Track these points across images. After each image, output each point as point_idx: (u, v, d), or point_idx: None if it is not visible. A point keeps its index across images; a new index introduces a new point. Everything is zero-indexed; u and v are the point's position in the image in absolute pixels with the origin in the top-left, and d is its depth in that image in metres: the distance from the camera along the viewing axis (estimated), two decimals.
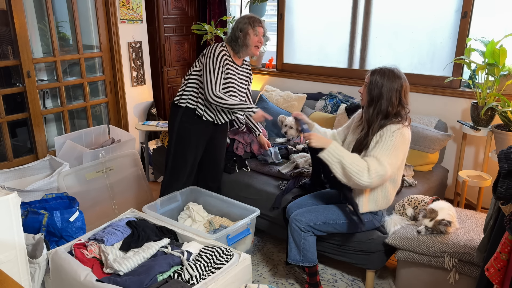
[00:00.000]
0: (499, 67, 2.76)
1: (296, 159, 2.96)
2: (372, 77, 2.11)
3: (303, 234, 2.24)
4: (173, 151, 2.73)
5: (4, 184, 2.83)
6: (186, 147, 2.70)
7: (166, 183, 2.81)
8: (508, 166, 1.49)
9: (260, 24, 2.65)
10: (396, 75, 2.09)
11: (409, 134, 2.11)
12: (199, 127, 2.69)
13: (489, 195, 3.07)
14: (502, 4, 3.00)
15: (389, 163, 2.01)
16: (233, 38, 2.64)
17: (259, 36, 2.64)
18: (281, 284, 2.52)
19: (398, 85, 2.08)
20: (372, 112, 2.11)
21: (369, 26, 3.60)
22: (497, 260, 1.49)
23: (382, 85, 2.07)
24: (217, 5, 4.34)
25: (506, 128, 2.74)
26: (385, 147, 2.03)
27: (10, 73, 3.43)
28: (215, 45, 2.61)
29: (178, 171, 2.75)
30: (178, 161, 2.73)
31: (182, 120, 2.67)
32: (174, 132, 2.70)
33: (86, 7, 3.78)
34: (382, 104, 2.08)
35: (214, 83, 2.52)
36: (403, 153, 2.09)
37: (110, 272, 1.91)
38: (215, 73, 2.53)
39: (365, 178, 1.98)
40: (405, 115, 2.13)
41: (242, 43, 2.62)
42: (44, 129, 3.53)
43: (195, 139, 2.70)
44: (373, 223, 2.29)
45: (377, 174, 1.98)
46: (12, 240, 1.81)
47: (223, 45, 2.64)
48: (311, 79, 3.95)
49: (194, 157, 2.74)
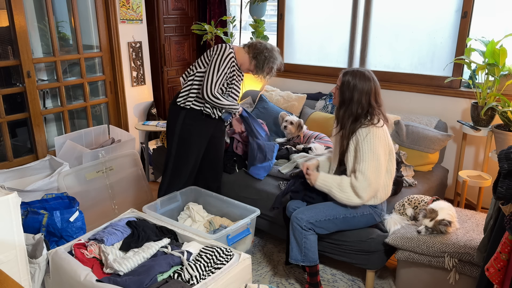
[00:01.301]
0: (499, 67, 2.76)
1: (296, 159, 2.96)
2: (344, 78, 2.18)
3: (304, 233, 2.24)
4: (174, 153, 2.71)
5: (4, 184, 2.83)
6: (188, 148, 2.69)
7: (167, 184, 2.78)
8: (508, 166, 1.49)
9: (273, 73, 2.74)
10: (366, 77, 2.15)
11: (383, 131, 2.17)
12: (201, 127, 2.69)
13: (489, 195, 3.07)
14: (502, 4, 3.00)
15: (371, 170, 2.11)
16: (266, 57, 2.65)
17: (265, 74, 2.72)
18: (281, 284, 2.52)
19: (368, 87, 2.15)
20: (343, 113, 2.20)
21: (369, 26, 3.60)
22: (497, 260, 1.49)
23: (354, 87, 2.14)
24: (217, 5, 4.34)
25: (506, 128, 2.74)
26: (364, 157, 2.13)
27: (10, 73, 3.42)
28: (225, 46, 2.60)
29: (179, 172, 2.74)
30: (180, 162, 2.72)
31: (185, 122, 2.66)
32: (175, 133, 2.68)
33: (86, 7, 3.78)
34: (352, 107, 2.16)
35: (215, 82, 2.53)
36: (383, 151, 2.15)
37: (110, 272, 1.91)
38: (218, 72, 2.54)
39: (356, 201, 2.16)
40: (377, 115, 2.18)
41: (264, 68, 2.68)
42: (44, 129, 3.53)
43: (197, 140, 2.70)
44: (373, 217, 2.30)
45: (365, 190, 2.13)
46: (12, 240, 1.81)
47: (232, 47, 2.64)
48: (311, 79, 3.95)
49: (196, 158, 2.74)
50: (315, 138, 3.24)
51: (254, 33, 4.28)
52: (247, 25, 4.72)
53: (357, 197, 2.15)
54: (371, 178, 2.11)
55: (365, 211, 2.27)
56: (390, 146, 2.22)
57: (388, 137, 2.20)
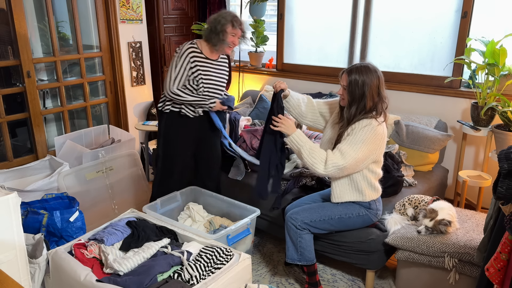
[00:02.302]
0: (499, 67, 2.76)
1: (296, 159, 2.96)
2: (350, 77, 2.12)
3: (299, 232, 2.24)
4: (161, 154, 2.81)
5: (4, 184, 2.83)
6: (173, 149, 2.76)
7: (158, 183, 2.86)
8: (508, 166, 1.49)
9: (240, 26, 2.62)
10: (372, 70, 2.12)
11: (382, 131, 2.13)
12: (183, 128, 2.72)
13: (489, 195, 3.07)
14: (502, 4, 3.00)
15: (354, 157, 2.06)
16: (212, 30, 2.60)
17: (235, 37, 2.63)
18: (281, 284, 2.52)
19: (376, 79, 2.11)
20: (355, 111, 2.14)
21: (369, 26, 3.60)
22: (497, 260, 1.49)
23: (363, 83, 2.10)
24: (217, 5, 4.34)
25: (506, 128, 2.74)
26: (353, 141, 2.08)
27: (10, 73, 3.42)
28: (184, 44, 2.64)
29: (169, 172, 2.81)
30: (167, 162, 2.80)
31: (167, 124, 2.74)
32: (161, 135, 2.79)
33: (86, 7, 3.78)
34: (366, 102, 2.11)
35: (173, 79, 2.59)
36: (373, 147, 2.10)
37: (110, 272, 1.91)
38: (176, 69, 2.59)
39: (320, 169, 2.09)
40: (382, 110, 2.15)
41: (219, 38, 2.60)
42: (44, 129, 3.53)
43: (180, 140, 2.74)
44: (369, 217, 2.29)
45: (334, 166, 2.06)
46: (12, 240, 1.81)
47: (193, 42, 2.65)
48: (311, 79, 3.95)
49: (183, 158, 2.78)
50: (314, 138, 3.24)
51: (254, 33, 4.28)
52: (247, 25, 4.72)
53: (323, 166, 2.07)
54: (349, 161, 2.05)
55: (360, 212, 2.26)
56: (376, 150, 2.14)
57: (384, 138, 2.16)
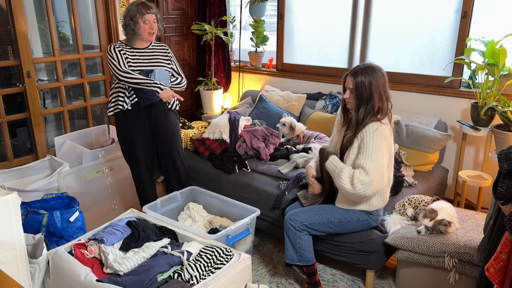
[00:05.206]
0: (499, 67, 2.76)
1: (296, 159, 2.96)
2: (356, 79, 2.11)
3: (298, 233, 2.24)
4: (125, 154, 2.87)
5: (4, 184, 2.84)
6: (130, 148, 2.79)
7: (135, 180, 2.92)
8: (508, 166, 1.49)
9: (149, 11, 2.57)
10: (376, 69, 2.12)
11: (388, 130, 2.13)
12: (127, 126, 2.74)
13: (489, 195, 3.07)
14: (502, 4, 3.00)
15: (375, 168, 2.04)
16: (128, 26, 2.60)
17: (150, 23, 2.59)
18: (281, 284, 2.52)
19: (381, 78, 2.11)
20: (364, 113, 2.13)
21: (369, 26, 3.60)
22: (497, 260, 1.49)
23: (370, 84, 2.09)
24: (217, 5, 4.34)
25: (506, 128, 2.74)
26: (368, 153, 2.06)
27: (10, 73, 3.42)
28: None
29: (137, 170, 2.86)
30: (131, 161, 2.86)
31: (118, 124, 2.76)
32: (119, 137, 2.82)
33: (86, 7, 3.78)
34: (374, 103, 2.11)
35: (118, 63, 2.55)
36: (387, 151, 2.11)
37: (110, 272, 1.91)
38: (114, 57, 2.57)
39: (349, 188, 2.06)
40: (387, 110, 2.15)
41: (134, 33, 2.60)
42: (44, 129, 3.53)
43: (133, 137, 2.74)
44: (368, 223, 2.29)
45: (360, 182, 2.03)
46: (12, 240, 1.81)
47: (117, 42, 2.69)
48: (311, 79, 3.95)
49: (144, 153, 2.80)
50: (315, 138, 3.24)
51: (254, 33, 4.28)
52: (247, 25, 4.72)
53: (351, 185, 2.05)
54: (372, 176, 2.03)
55: (360, 217, 2.26)
56: (390, 150, 2.17)
57: (391, 139, 2.17)
